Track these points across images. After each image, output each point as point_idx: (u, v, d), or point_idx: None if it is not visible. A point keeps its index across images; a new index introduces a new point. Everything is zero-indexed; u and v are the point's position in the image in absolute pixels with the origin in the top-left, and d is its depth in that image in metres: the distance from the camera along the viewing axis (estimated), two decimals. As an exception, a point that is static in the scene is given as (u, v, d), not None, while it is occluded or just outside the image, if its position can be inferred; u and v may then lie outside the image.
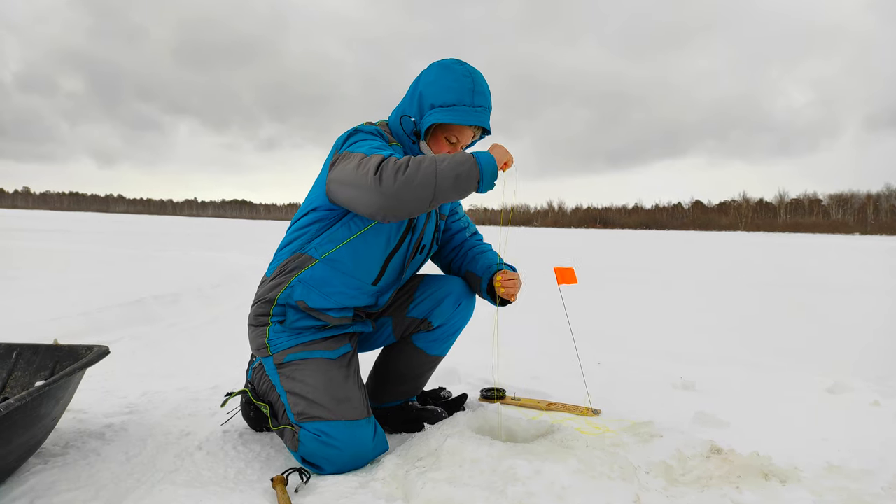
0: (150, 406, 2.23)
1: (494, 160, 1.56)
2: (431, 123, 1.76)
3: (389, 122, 1.90)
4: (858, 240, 41.54)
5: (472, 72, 1.77)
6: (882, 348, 3.74)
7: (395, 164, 1.53)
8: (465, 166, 1.52)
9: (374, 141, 1.73)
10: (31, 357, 1.94)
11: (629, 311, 5.21)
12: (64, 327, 3.39)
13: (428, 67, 1.82)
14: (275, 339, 1.82)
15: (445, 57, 1.81)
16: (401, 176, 1.51)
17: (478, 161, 1.53)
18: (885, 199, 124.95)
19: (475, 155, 1.55)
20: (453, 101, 1.73)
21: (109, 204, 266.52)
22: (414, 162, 1.53)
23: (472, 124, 1.76)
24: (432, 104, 1.75)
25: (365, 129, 1.79)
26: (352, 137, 1.76)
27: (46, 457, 1.70)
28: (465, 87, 1.74)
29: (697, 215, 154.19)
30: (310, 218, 1.83)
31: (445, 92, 1.74)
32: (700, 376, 2.78)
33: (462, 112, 1.73)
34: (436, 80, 1.77)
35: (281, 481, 1.54)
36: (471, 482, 1.48)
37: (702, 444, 1.75)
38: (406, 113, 1.82)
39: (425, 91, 1.77)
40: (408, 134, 1.82)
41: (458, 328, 2.06)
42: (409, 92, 1.85)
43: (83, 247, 11.14)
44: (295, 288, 1.81)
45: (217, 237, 18.91)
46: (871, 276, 9.14)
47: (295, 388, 1.75)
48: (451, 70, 1.76)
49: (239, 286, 5.79)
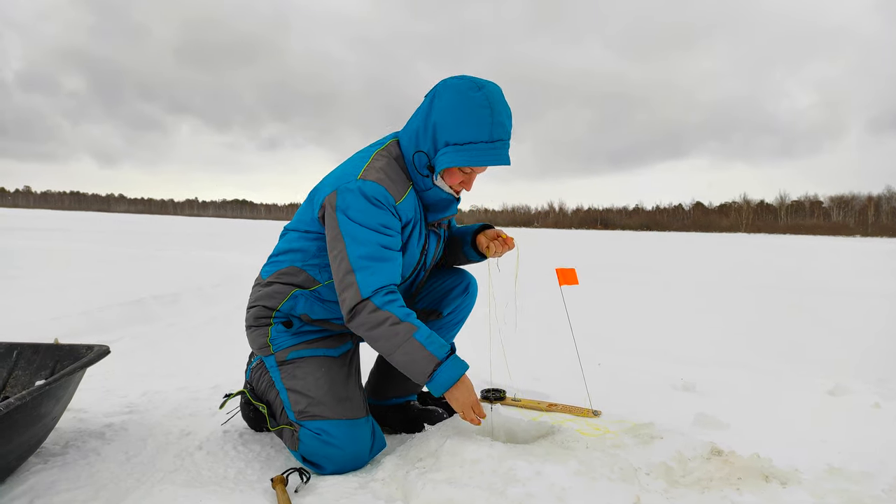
0: (151, 406, 2.23)
1: (449, 386, 1.61)
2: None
3: (403, 150, 1.78)
4: (859, 242, 41.52)
5: (490, 99, 1.64)
6: (882, 351, 3.74)
7: (370, 318, 1.59)
8: (420, 366, 1.59)
9: (369, 235, 1.62)
10: (32, 356, 1.94)
11: (630, 313, 5.20)
12: (64, 326, 3.39)
13: (443, 88, 1.70)
14: (277, 337, 1.82)
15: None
16: (369, 333, 1.61)
17: (433, 376, 1.59)
18: (886, 202, 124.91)
19: (437, 372, 1.59)
20: (469, 139, 1.64)
21: (110, 203, 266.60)
22: (385, 332, 1.59)
23: (485, 166, 1.70)
24: (447, 141, 1.66)
25: (369, 193, 1.63)
26: (352, 208, 1.63)
27: (46, 456, 1.71)
28: (483, 122, 1.63)
29: (698, 217, 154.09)
30: (311, 236, 1.79)
31: (461, 128, 1.64)
32: (700, 378, 2.78)
33: (477, 153, 1.64)
34: (451, 110, 1.65)
35: (281, 481, 1.54)
36: (471, 483, 1.48)
37: (702, 446, 1.75)
38: (420, 148, 1.72)
39: (440, 122, 1.67)
40: (420, 170, 1.74)
41: (465, 315, 2.10)
42: (421, 115, 1.73)
43: (84, 246, 11.14)
44: (298, 300, 1.80)
45: (217, 237, 18.90)
46: (871, 279, 9.13)
47: (296, 385, 1.75)
48: (468, 99, 1.64)
49: (239, 286, 5.79)
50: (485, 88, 1.65)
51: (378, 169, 1.69)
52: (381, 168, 1.70)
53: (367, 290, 1.60)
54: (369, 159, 1.73)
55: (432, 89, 1.74)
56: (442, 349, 1.61)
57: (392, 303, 1.62)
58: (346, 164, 1.78)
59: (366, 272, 1.60)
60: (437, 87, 1.72)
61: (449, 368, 1.61)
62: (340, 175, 1.71)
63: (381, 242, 1.64)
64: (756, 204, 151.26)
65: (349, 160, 1.80)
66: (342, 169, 1.76)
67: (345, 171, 1.72)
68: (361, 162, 1.72)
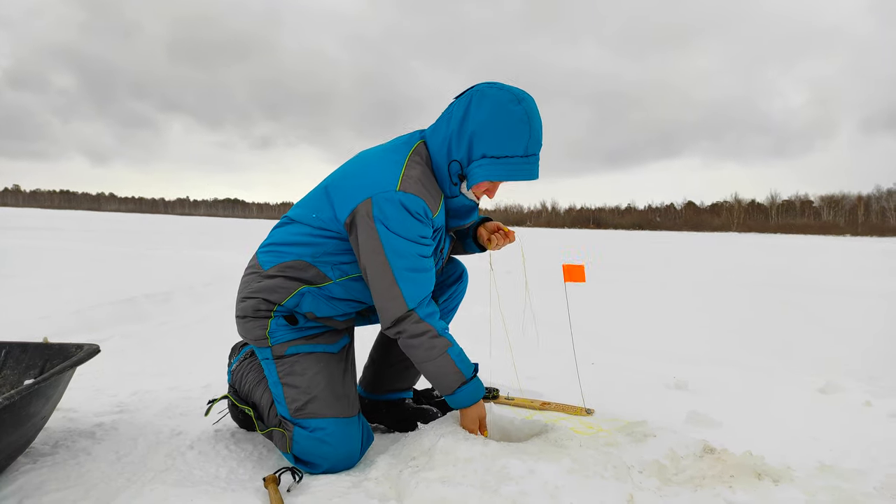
0: (141, 405, 2.22)
1: (467, 405, 1.73)
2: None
3: (432, 154, 1.75)
4: (849, 241, 41.85)
5: (529, 114, 1.63)
6: (874, 349, 3.76)
7: (413, 328, 1.65)
8: (447, 380, 1.69)
9: (410, 247, 1.62)
10: (21, 355, 1.92)
11: (622, 312, 5.22)
12: (54, 325, 3.36)
13: (481, 97, 1.65)
14: (277, 330, 1.76)
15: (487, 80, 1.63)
16: (407, 340, 1.67)
17: (457, 393, 1.70)
18: (875, 201, 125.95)
19: (461, 389, 1.70)
20: (505, 153, 1.63)
21: (101, 202, 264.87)
22: (424, 343, 1.66)
23: (519, 180, 1.69)
24: (483, 154, 1.64)
25: (411, 207, 1.61)
26: (391, 220, 1.60)
27: (36, 456, 1.69)
28: (521, 137, 1.62)
29: (690, 216, 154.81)
30: (328, 234, 1.72)
31: (499, 143, 1.62)
32: (693, 376, 2.79)
33: (513, 167, 1.64)
34: (490, 122, 1.62)
35: (273, 481, 1.53)
36: (464, 481, 1.47)
37: (695, 444, 1.75)
38: (454, 157, 1.69)
39: (477, 133, 1.64)
40: (452, 177, 1.72)
41: (459, 301, 2.11)
42: (456, 122, 1.68)
43: (74, 245, 11.05)
44: (304, 297, 1.76)
45: (209, 236, 18.81)
46: (862, 278, 9.20)
47: (294, 381, 1.73)
48: (508, 113, 1.62)
49: (230, 285, 5.75)
50: (524, 102, 1.64)
51: (416, 179, 1.66)
52: (418, 178, 1.66)
53: (412, 302, 1.64)
54: (404, 165, 1.67)
55: (466, 95, 1.69)
56: (469, 369, 1.71)
57: (432, 315, 1.68)
58: (376, 164, 1.70)
59: (409, 283, 1.63)
60: (472, 95, 1.68)
61: (471, 388, 1.71)
62: (374, 180, 1.64)
63: (421, 253, 1.66)
64: (747, 203, 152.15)
65: (378, 159, 1.72)
66: (373, 171, 1.68)
67: (378, 175, 1.65)
68: (395, 167, 1.66)
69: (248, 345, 2.13)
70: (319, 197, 1.76)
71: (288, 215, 1.84)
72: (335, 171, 1.82)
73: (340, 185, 1.72)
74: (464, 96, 1.70)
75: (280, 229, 1.83)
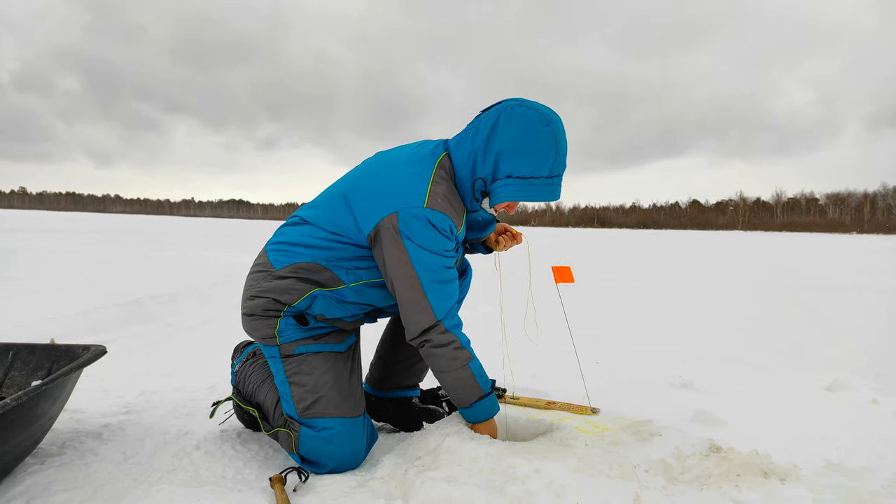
0: (148, 406, 2.23)
1: (480, 419, 1.75)
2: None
3: (456, 168, 1.73)
4: (855, 239, 41.67)
5: (557, 136, 1.63)
6: (880, 346, 3.75)
7: (439, 338, 1.67)
8: (465, 393, 1.72)
9: (436, 260, 1.64)
10: (28, 357, 1.93)
11: (628, 310, 5.21)
12: (61, 327, 3.38)
13: (509, 116, 1.64)
14: (286, 329, 1.75)
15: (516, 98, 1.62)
16: (431, 350, 1.69)
17: (473, 407, 1.73)
18: (882, 199, 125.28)
19: (477, 404, 1.73)
20: (531, 174, 1.63)
21: (106, 204, 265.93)
22: (448, 354, 1.68)
23: (541, 201, 1.70)
24: (509, 174, 1.64)
25: (438, 225, 1.61)
26: (418, 235, 1.60)
27: (43, 457, 1.70)
28: (547, 159, 1.63)
29: (695, 215, 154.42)
30: (346, 240, 1.70)
31: (525, 163, 1.62)
32: (699, 375, 2.78)
33: (537, 188, 1.64)
34: (518, 143, 1.62)
35: (279, 480, 1.54)
36: (469, 481, 1.48)
37: (701, 443, 1.75)
38: (479, 175, 1.69)
39: (504, 152, 1.63)
40: (475, 193, 1.73)
41: (465, 295, 2.10)
42: (482, 139, 1.67)
43: (80, 247, 11.10)
44: (317, 300, 1.75)
45: (214, 237, 18.87)
46: (868, 275, 9.15)
47: (302, 380, 1.73)
48: (537, 135, 1.61)
49: (236, 286, 5.77)
50: (552, 124, 1.64)
51: (443, 196, 1.66)
52: (444, 196, 1.66)
53: (440, 313, 1.66)
54: (430, 180, 1.66)
55: (494, 111, 1.68)
56: (486, 384, 1.74)
57: (457, 327, 1.71)
58: (401, 177, 1.68)
59: (437, 295, 1.65)
60: (500, 111, 1.66)
61: (488, 404, 1.74)
62: (400, 195, 1.62)
63: (447, 265, 1.68)
64: (752, 201, 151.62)
65: (402, 172, 1.69)
66: (398, 184, 1.65)
67: (404, 189, 1.64)
68: (422, 182, 1.65)
69: (251, 345, 2.14)
70: (337, 202, 1.73)
71: (300, 216, 1.80)
72: (352, 176, 1.79)
73: (363, 195, 1.69)
74: (491, 112, 1.69)
75: (293, 229, 1.80)
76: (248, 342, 2.18)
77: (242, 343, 2.19)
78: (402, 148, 1.84)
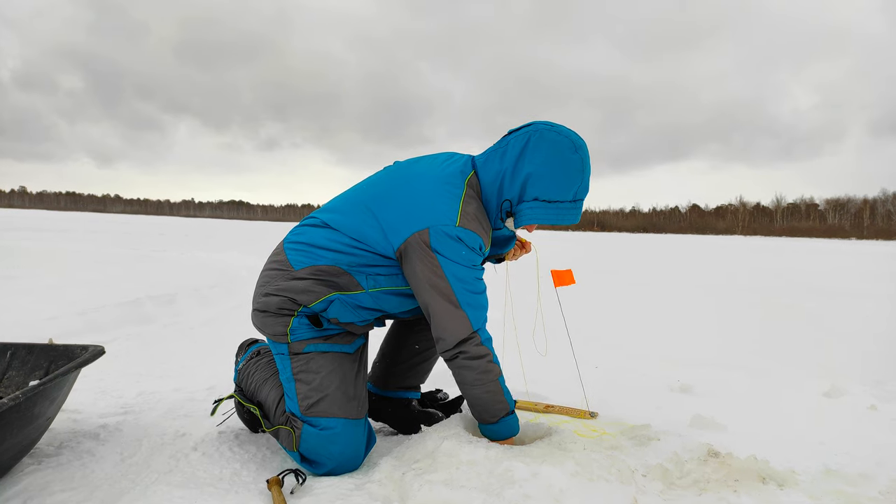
0: (146, 406, 2.22)
1: (503, 436, 1.75)
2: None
3: (483, 187, 1.77)
4: (854, 244, 41.69)
5: (584, 163, 1.69)
6: (879, 353, 3.75)
7: (475, 350, 1.67)
8: (492, 407, 1.72)
9: (468, 272, 1.67)
10: (26, 356, 1.93)
11: (626, 315, 5.21)
12: (60, 327, 3.38)
13: (539, 140, 1.69)
14: (298, 328, 1.75)
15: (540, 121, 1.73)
16: (465, 361, 1.68)
17: (500, 423, 1.73)
18: (882, 204, 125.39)
19: (504, 420, 1.73)
20: (556, 198, 1.69)
21: (106, 204, 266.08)
22: (481, 366, 1.68)
23: (563, 224, 1.74)
24: (536, 197, 1.69)
25: (469, 243, 1.65)
26: (449, 249, 1.63)
27: (40, 457, 1.69)
28: (573, 185, 1.69)
29: (695, 219, 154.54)
30: (366, 247, 1.71)
31: (553, 188, 1.68)
32: (697, 379, 2.78)
33: (561, 211, 1.70)
34: (547, 168, 1.67)
35: (276, 482, 1.53)
36: (467, 484, 1.47)
37: (699, 448, 1.75)
38: (506, 196, 1.73)
39: (533, 175, 1.68)
40: (502, 213, 1.77)
41: None
42: (510, 160, 1.71)
43: (80, 246, 11.10)
44: (333, 304, 1.75)
45: (214, 238, 18.87)
46: (867, 281, 9.16)
47: (309, 378, 1.73)
48: (566, 161, 1.67)
49: (235, 287, 5.78)
50: (580, 151, 1.69)
51: (473, 216, 1.69)
52: (475, 215, 1.70)
53: (477, 323, 1.68)
54: (461, 200, 1.69)
55: (523, 133, 1.72)
56: (512, 402, 1.76)
57: (490, 340, 1.73)
58: (432, 194, 1.70)
59: (472, 307, 1.67)
60: (530, 134, 1.70)
61: (513, 421, 1.76)
62: (433, 212, 1.65)
63: (477, 276, 1.71)
64: (752, 206, 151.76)
65: (433, 189, 1.71)
66: (430, 201, 1.68)
67: (436, 207, 1.66)
68: (454, 201, 1.68)
69: (255, 344, 2.14)
70: (363, 213, 1.74)
71: (322, 218, 1.80)
72: (375, 186, 1.81)
73: (391, 208, 1.70)
74: (520, 134, 1.73)
75: (314, 230, 1.79)
76: (253, 341, 2.19)
77: (247, 341, 2.19)
78: (427, 161, 1.85)
